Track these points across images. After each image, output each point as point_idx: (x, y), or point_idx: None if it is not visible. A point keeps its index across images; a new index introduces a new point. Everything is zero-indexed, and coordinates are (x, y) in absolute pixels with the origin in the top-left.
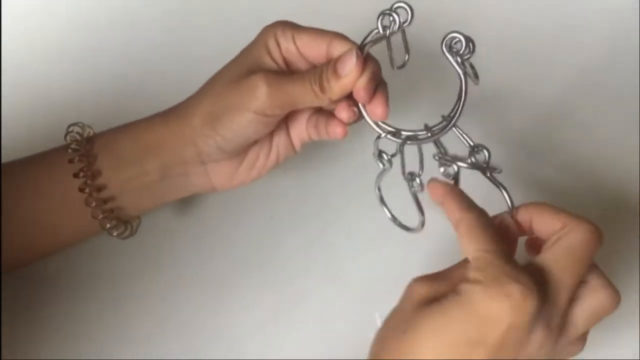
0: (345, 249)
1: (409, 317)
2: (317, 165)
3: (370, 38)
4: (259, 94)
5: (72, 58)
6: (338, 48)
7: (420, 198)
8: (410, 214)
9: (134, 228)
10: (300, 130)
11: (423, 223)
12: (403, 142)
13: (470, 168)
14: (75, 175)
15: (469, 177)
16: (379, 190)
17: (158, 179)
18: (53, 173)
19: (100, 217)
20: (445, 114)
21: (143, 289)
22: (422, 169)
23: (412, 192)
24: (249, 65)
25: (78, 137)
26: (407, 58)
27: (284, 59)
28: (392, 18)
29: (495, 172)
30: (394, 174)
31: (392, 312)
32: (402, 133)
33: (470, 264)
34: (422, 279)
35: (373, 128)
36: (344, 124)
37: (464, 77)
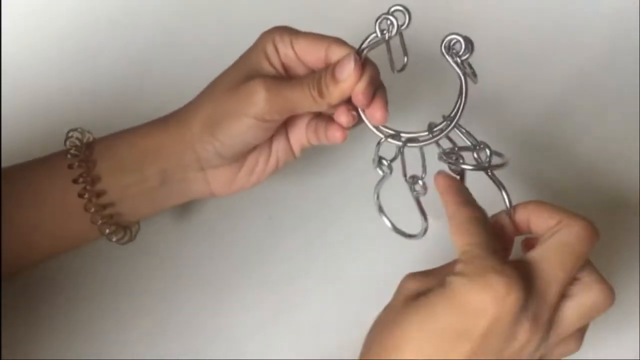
0: (344, 250)
1: (397, 311)
2: (315, 168)
3: (368, 42)
4: (258, 100)
5: (72, 61)
6: (336, 53)
7: (423, 202)
8: (411, 219)
9: (133, 234)
10: (300, 135)
11: (426, 229)
12: (403, 144)
13: (476, 170)
14: (75, 181)
15: (470, 174)
16: (378, 199)
17: (157, 185)
18: (52, 178)
19: (100, 222)
20: (446, 115)
21: (142, 290)
22: (424, 172)
23: (414, 196)
24: (248, 71)
25: (77, 142)
26: (406, 61)
27: (283, 65)
28: (389, 21)
29: (500, 168)
30: (393, 178)
31: (384, 307)
32: (402, 135)
33: (458, 258)
34: (413, 275)
35: (373, 132)
36: (344, 128)
37: (464, 77)
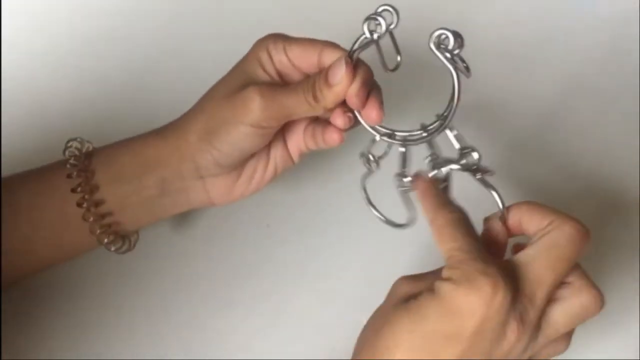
0: (341, 257)
1: (388, 313)
2: (313, 177)
3: (359, 44)
4: (254, 107)
5: (72, 69)
6: (329, 57)
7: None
8: (400, 213)
9: (132, 243)
10: (298, 141)
11: (413, 219)
12: (402, 144)
13: (462, 170)
14: (73, 190)
15: (462, 178)
16: (365, 192)
17: (156, 194)
18: (51, 188)
19: (98, 232)
20: (440, 114)
21: (141, 296)
22: (406, 167)
23: (400, 191)
24: (243, 79)
25: (76, 152)
26: (399, 60)
27: (277, 71)
28: (377, 22)
29: (487, 174)
30: (383, 174)
31: (376, 309)
32: (396, 134)
33: (445, 264)
34: (406, 278)
35: (370, 132)
36: (340, 131)
37: (456, 72)
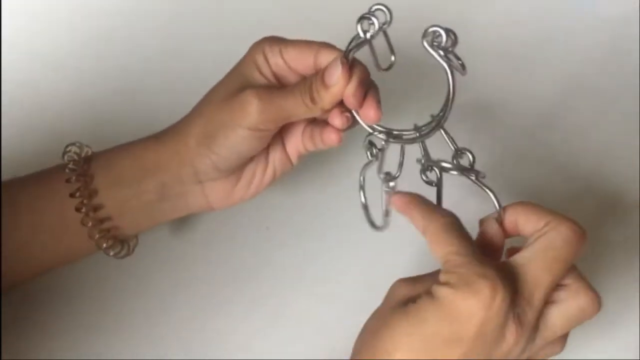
0: (340, 259)
1: (386, 316)
2: (312, 180)
3: (354, 44)
4: (251, 110)
5: (71, 73)
6: (325, 58)
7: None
8: (397, 225)
9: (131, 248)
10: (296, 143)
11: (387, 225)
12: (387, 139)
13: (455, 171)
14: (72, 195)
15: (456, 181)
16: (362, 178)
17: (155, 199)
18: (50, 192)
19: (97, 237)
20: (434, 114)
21: (139, 299)
22: (399, 171)
23: (384, 191)
24: (240, 82)
25: (75, 156)
26: (393, 59)
27: (274, 74)
28: (370, 21)
29: (479, 176)
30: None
31: (374, 312)
32: (393, 133)
33: (442, 268)
34: (403, 281)
35: (368, 131)
36: (339, 131)
37: (450, 69)
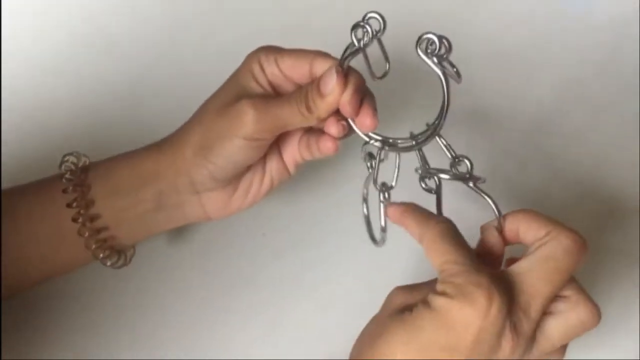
0: (337, 266)
1: (384, 323)
2: (309, 187)
3: (349, 52)
4: (247, 120)
5: (71, 78)
6: (320, 66)
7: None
8: (395, 232)
9: (128, 258)
10: (293, 152)
11: (384, 239)
12: (381, 147)
13: (453, 179)
14: (69, 205)
15: (456, 187)
16: (366, 190)
17: (152, 209)
18: (47, 202)
19: (94, 247)
20: (430, 123)
21: (136, 306)
22: (395, 182)
23: (380, 201)
24: (237, 92)
25: (72, 166)
26: (387, 67)
27: (270, 83)
28: (364, 30)
29: (479, 182)
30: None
31: (371, 319)
32: (389, 141)
33: (438, 277)
34: (401, 289)
35: (364, 139)
36: (335, 139)
37: (444, 77)
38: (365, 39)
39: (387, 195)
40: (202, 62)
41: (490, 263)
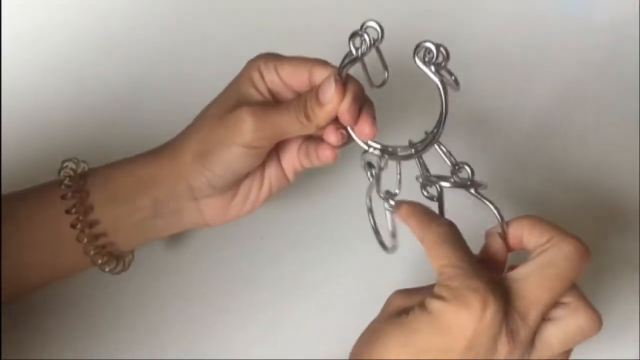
0: (335, 270)
1: (381, 326)
2: (307, 190)
3: (347, 60)
4: (246, 128)
5: (73, 80)
6: (319, 74)
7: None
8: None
9: (127, 264)
10: (292, 159)
11: (395, 246)
12: (381, 156)
13: (454, 187)
14: (68, 212)
15: (460, 191)
16: (369, 200)
17: (150, 216)
18: (46, 209)
19: (92, 253)
20: (429, 131)
21: (136, 309)
22: (399, 189)
23: (386, 209)
24: (236, 99)
25: (71, 172)
26: (386, 76)
27: (269, 90)
28: (362, 38)
29: (480, 188)
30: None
31: (371, 322)
32: (388, 149)
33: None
34: (399, 292)
35: (364, 147)
36: (334, 147)
37: (442, 85)
38: (363, 48)
39: (392, 203)
40: (203, 64)
41: (493, 269)
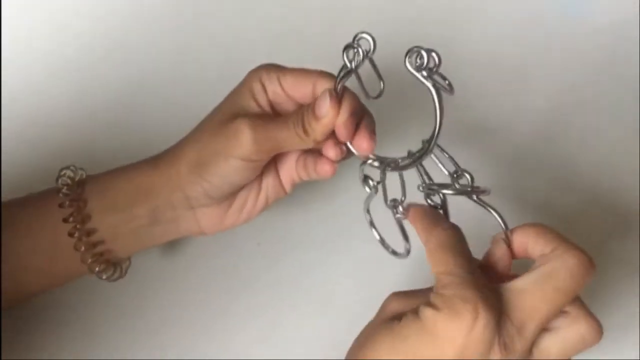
0: (331, 276)
1: (374, 329)
2: (304, 196)
3: (342, 73)
4: (244, 141)
5: (73, 82)
6: (323, 87)
7: (406, 224)
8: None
9: (124, 270)
10: (290, 171)
11: (408, 250)
12: (382, 168)
13: (456, 194)
14: (65, 220)
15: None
16: (369, 214)
17: (147, 224)
18: (43, 217)
19: (90, 261)
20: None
21: (133, 315)
22: (404, 196)
23: (396, 219)
24: (234, 111)
25: (69, 181)
26: (382, 87)
27: (270, 102)
28: (355, 50)
29: (483, 194)
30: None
31: (366, 325)
32: (388, 161)
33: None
34: (396, 295)
35: (362, 160)
36: (333, 162)
37: (435, 90)
38: (357, 60)
39: (401, 209)
40: (204, 67)
41: (495, 276)
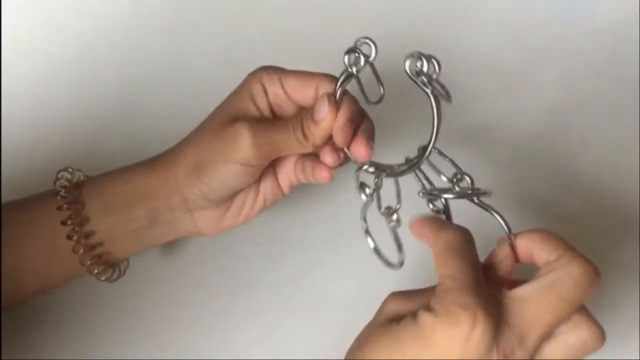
0: (329, 276)
1: (373, 331)
2: (302, 197)
3: (343, 77)
4: (244, 145)
5: (68, 95)
6: (326, 90)
7: (400, 233)
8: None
9: (122, 271)
10: (289, 174)
11: (402, 262)
12: (377, 175)
13: (457, 197)
14: (63, 223)
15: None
16: (365, 222)
17: (145, 225)
18: (42, 219)
19: (88, 263)
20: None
21: (132, 316)
22: (399, 203)
23: (390, 227)
24: (233, 114)
25: (67, 183)
26: (382, 92)
27: (270, 105)
28: (356, 55)
29: (485, 196)
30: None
31: (365, 325)
32: (384, 167)
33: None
34: (396, 296)
35: (358, 166)
36: (330, 168)
37: (433, 96)
38: (358, 65)
39: (395, 217)
40: (203, 68)
41: (496, 279)
